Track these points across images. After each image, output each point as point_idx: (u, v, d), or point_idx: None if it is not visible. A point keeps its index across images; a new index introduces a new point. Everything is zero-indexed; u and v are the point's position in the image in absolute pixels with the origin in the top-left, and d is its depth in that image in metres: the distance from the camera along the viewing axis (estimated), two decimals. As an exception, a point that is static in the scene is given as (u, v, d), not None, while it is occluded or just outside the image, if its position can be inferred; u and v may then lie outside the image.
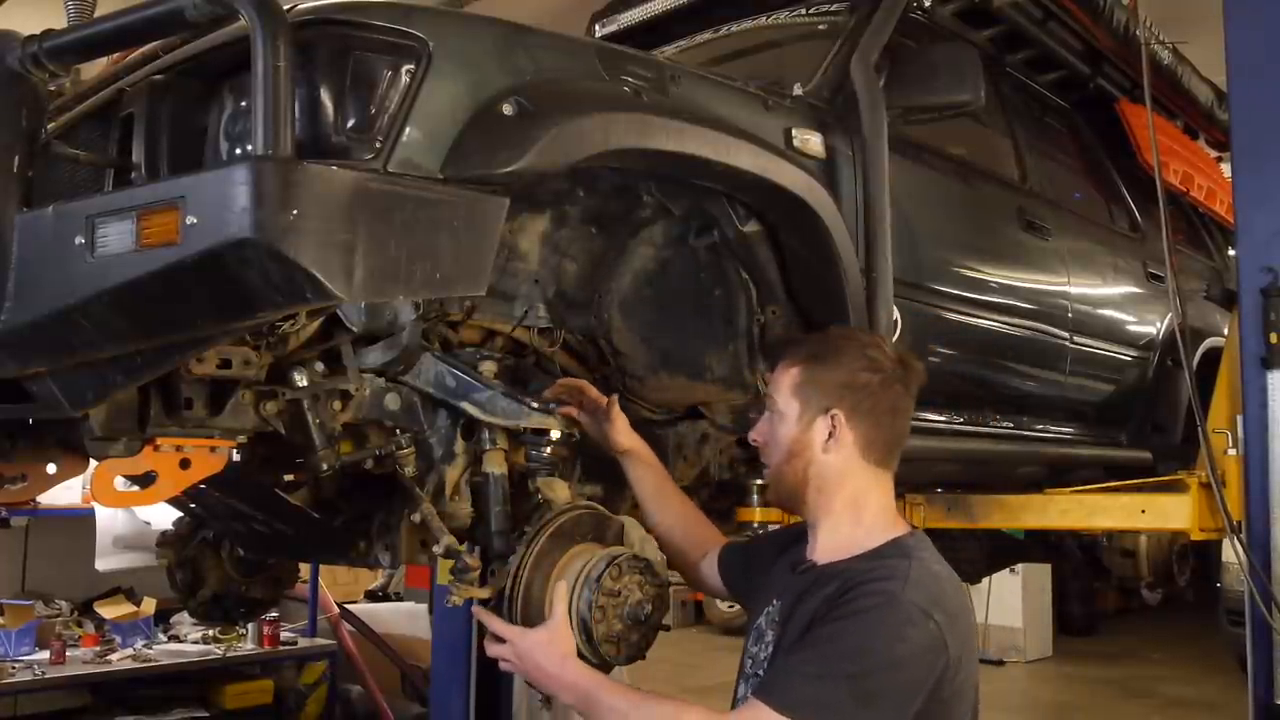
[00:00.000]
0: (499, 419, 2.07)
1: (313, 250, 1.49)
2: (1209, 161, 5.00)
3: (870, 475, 1.79)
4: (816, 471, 1.79)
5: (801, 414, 1.80)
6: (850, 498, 1.79)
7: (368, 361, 2.02)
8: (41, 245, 1.66)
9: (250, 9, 1.48)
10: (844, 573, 1.69)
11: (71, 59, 1.76)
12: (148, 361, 1.70)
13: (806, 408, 1.80)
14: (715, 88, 2.33)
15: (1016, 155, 3.63)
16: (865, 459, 1.78)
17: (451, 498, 2.10)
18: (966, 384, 3.22)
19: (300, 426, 1.95)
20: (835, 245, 2.39)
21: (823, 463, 1.78)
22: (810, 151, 2.45)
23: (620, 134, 1.96)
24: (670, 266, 2.44)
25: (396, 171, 1.64)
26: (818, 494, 1.79)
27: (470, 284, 1.75)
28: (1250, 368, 2.57)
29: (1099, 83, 4.24)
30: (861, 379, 1.78)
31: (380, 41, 1.71)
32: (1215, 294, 3.91)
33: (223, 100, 1.84)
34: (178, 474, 1.87)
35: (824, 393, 1.79)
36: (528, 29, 1.94)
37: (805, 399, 1.80)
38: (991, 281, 3.20)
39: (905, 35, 2.99)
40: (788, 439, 1.81)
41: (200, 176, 1.58)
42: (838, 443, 1.78)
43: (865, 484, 1.79)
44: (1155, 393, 4.07)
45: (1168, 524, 3.09)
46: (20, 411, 1.92)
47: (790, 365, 1.84)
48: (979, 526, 3.36)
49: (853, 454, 1.78)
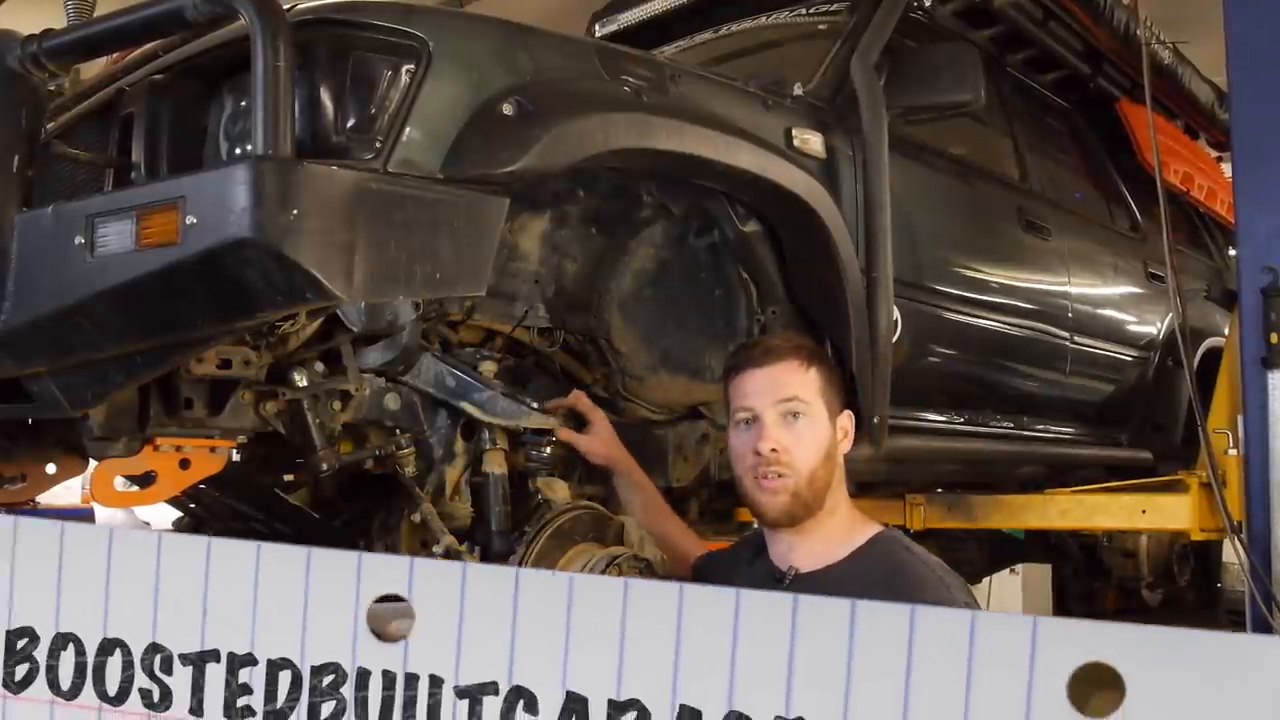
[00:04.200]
0: (499, 419, 2.07)
1: (312, 250, 1.49)
2: (1209, 161, 4.99)
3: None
4: (837, 474, 1.80)
5: (829, 415, 1.80)
6: (846, 498, 1.82)
7: (368, 361, 2.02)
8: (41, 245, 1.66)
9: (250, 9, 1.48)
10: (862, 575, 1.68)
11: (71, 59, 1.76)
12: (148, 361, 1.70)
13: (829, 408, 1.81)
14: (715, 88, 2.33)
15: (1017, 155, 3.63)
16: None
17: (451, 498, 2.10)
18: (967, 384, 3.21)
19: (300, 426, 1.95)
20: (835, 245, 2.39)
21: (839, 464, 1.81)
22: (810, 151, 2.45)
23: (620, 134, 1.95)
24: (670, 266, 2.43)
25: (396, 171, 1.64)
26: (831, 495, 1.80)
27: (470, 284, 1.75)
28: (1250, 368, 2.56)
29: (1099, 83, 4.24)
30: (840, 381, 1.85)
31: (380, 41, 1.71)
32: (1215, 294, 3.91)
33: (223, 100, 1.85)
34: (177, 474, 1.87)
35: (838, 393, 1.83)
36: (528, 29, 1.94)
37: (828, 399, 1.81)
38: (992, 281, 3.20)
39: (905, 35, 2.99)
40: (824, 441, 1.78)
41: (200, 176, 1.58)
42: (849, 442, 1.83)
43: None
44: (1156, 393, 4.07)
45: (1168, 524, 3.09)
46: (20, 411, 1.92)
47: (806, 367, 1.81)
48: (979, 526, 3.36)
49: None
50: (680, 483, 2.40)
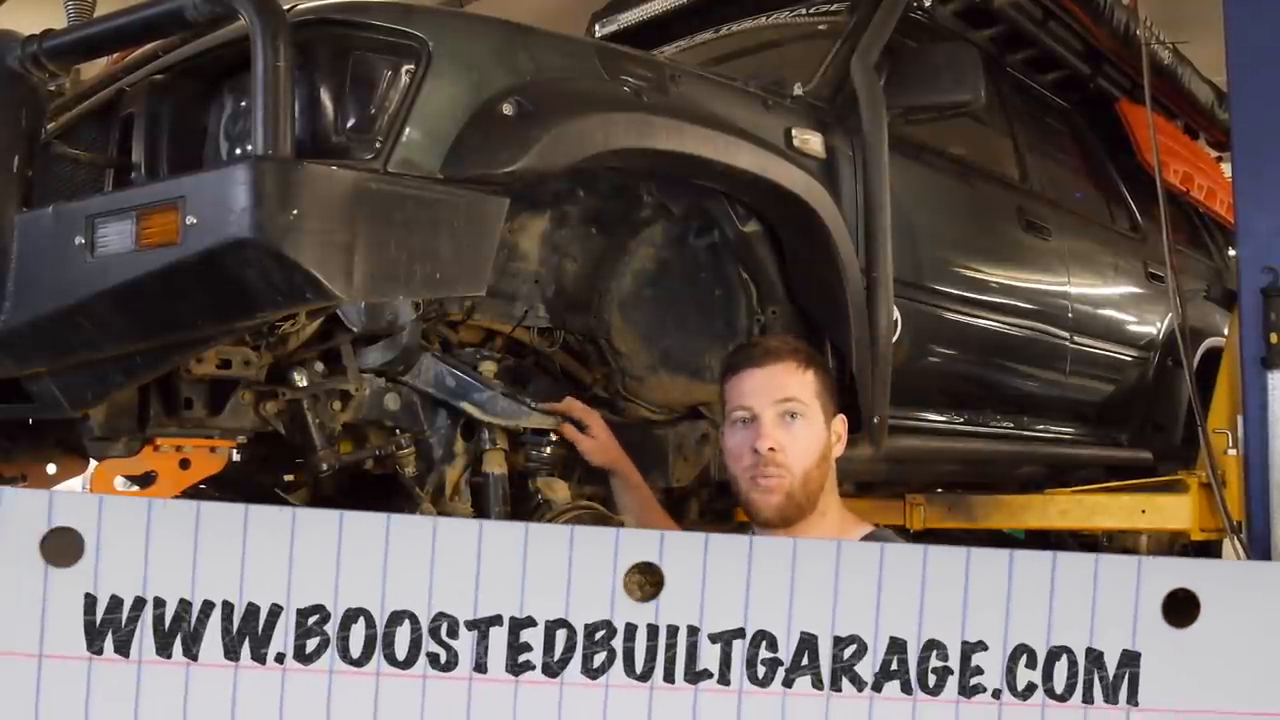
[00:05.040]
0: (499, 419, 2.07)
1: (312, 250, 1.49)
2: (1209, 161, 4.99)
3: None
4: (831, 476, 1.82)
5: (824, 418, 1.82)
6: (837, 502, 1.84)
7: (368, 361, 2.02)
8: (41, 245, 1.66)
9: (250, 9, 1.48)
10: None
11: (71, 59, 1.77)
12: (148, 361, 1.70)
13: (825, 411, 1.83)
14: (715, 88, 2.33)
15: (1016, 155, 3.62)
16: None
17: (451, 498, 2.10)
18: (967, 384, 3.21)
19: (300, 426, 1.95)
20: (835, 245, 2.39)
21: (832, 467, 1.83)
22: (810, 151, 2.44)
23: (620, 134, 1.95)
24: (670, 266, 2.43)
25: (396, 171, 1.64)
26: (823, 498, 1.81)
27: (470, 284, 1.75)
28: (1250, 368, 2.56)
29: (1099, 83, 4.24)
30: (834, 385, 1.89)
31: (380, 41, 1.71)
32: (1215, 294, 3.90)
33: (223, 100, 1.85)
34: (178, 474, 1.87)
35: (832, 396, 1.86)
36: (528, 29, 1.94)
37: (823, 402, 1.83)
38: (992, 281, 3.20)
39: (905, 35, 2.99)
40: (820, 443, 1.80)
41: (200, 176, 1.58)
42: (842, 446, 1.85)
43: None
44: (1155, 393, 4.07)
45: (1168, 524, 3.09)
46: (20, 411, 1.92)
47: (804, 369, 1.83)
48: (979, 527, 3.35)
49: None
50: (680, 483, 2.40)
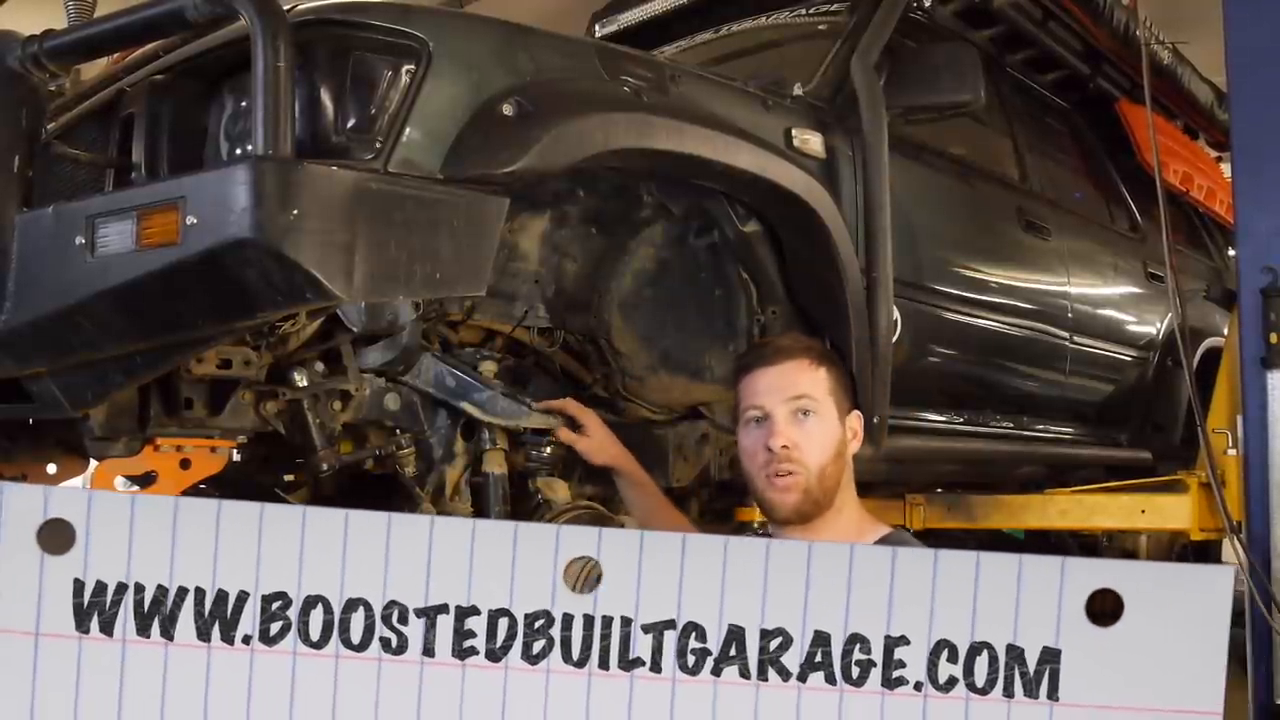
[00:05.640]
0: (499, 419, 2.07)
1: (313, 250, 1.49)
2: (1209, 161, 4.99)
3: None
4: (847, 473, 1.82)
5: (838, 414, 1.83)
6: (854, 498, 1.83)
7: (368, 361, 2.02)
8: (42, 245, 1.66)
9: (250, 9, 1.49)
10: None
11: (71, 59, 1.77)
12: (148, 361, 1.70)
13: (839, 408, 1.83)
14: (715, 88, 2.33)
15: (1016, 155, 3.63)
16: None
17: (451, 498, 2.11)
18: (967, 384, 3.22)
19: (300, 426, 1.95)
20: (835, 245, 2.39)
21: (849, 464, 1.83)
22: (810, 151, 2.45)
23: (620, 134, 1.95)
24: (670, 266, 2.43)
25: (396, 171, 1.64)
26: (840, 495, 1.81)
27: (470, 284, 1.76)
28: (1250, 368, 2.56)
29: (1099, 83, 4.24)
30: (849, 381, 1.90)
31: (380, 41, 1.71)
32: (1215, 294, 3.90)
33: (223, 100, 1.85)
34: (178, 474, 1.87)
35: (847, 393, 1.87)
36: (528, 29, 1.94)
37: (837, 399, 1.83)
38: (991, 281, 3.20)
39: (905, 35, 2.99)
40: (834, 439, 1.81)
41: (200, 176, 1.58)
42: (858, 442, 1.86)
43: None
44: (1155, 393, 4.07)
45: (1167, 524, 3.08)
46: (20, 411, 1.93)
47: (816, 366, 1.83)
48: (979, 527, 3.35)
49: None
50: (680, 483, 2.41)
